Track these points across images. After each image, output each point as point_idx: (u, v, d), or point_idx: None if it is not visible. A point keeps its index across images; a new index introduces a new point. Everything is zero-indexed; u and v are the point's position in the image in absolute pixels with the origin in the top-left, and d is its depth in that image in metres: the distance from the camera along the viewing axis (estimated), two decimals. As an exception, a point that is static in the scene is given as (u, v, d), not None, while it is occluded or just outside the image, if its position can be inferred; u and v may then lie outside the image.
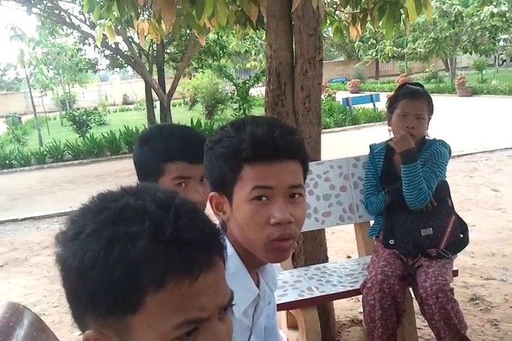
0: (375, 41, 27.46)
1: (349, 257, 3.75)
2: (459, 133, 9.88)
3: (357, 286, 2.31)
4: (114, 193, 0.72)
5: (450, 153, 2.49)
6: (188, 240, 0.65)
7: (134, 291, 0.63)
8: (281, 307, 2.22)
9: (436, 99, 2.61)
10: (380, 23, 3.08)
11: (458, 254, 2.47)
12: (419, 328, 2.54)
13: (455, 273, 2.39)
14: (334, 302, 2.72)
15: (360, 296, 2.29)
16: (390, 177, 2.50)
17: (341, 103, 14.26)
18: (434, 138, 2.51)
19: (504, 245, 3.98)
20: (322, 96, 16.07)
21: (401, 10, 3.05)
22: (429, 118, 2.47)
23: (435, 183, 2.38)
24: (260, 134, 1.06)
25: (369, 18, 3.25)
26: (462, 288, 3.24)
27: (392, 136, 2.47)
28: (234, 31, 3.61)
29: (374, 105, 13.76)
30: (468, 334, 2.20)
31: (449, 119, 11.79)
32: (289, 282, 2.40)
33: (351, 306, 3.06)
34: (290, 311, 2.40)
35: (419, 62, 26.17)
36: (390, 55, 26.12)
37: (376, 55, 27.38)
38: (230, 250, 1.12)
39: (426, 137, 2.49)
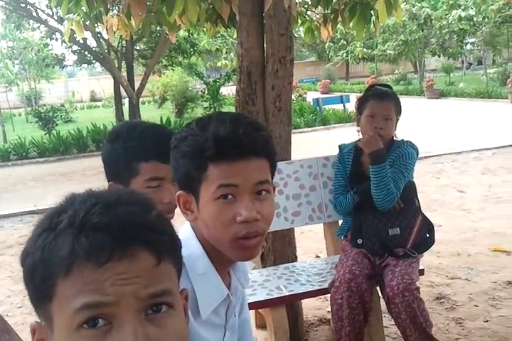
0: (345, 42, 27.72)
1: (318, 257, 3.77)
2: (426, 134, 10.06)
3: (325, 285, 2.32)
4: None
5: (418, 153, 2.52)
6: (98, 226, 0.64)
7: (47, 277, 0.65)
8: (249, 306, 2.18)
9: (404, 100, 2.65)
10: (351, 24, 3.11)
11: (424, 254, 2.51)
12: (385, 326, 2.56)
13: (421, 273, 2.43)
14: (303, 301, 2.72)
15: (329, 295, 2.30)
16: (358, 177, 2.52)
17: (312, 103, 14.34)
18: (402, 139, 2.54)
19: (469, 245, 4.06)
20: (293, 97, 16.12)
21: (371, 11, 3.08)
22: (397, 119, 2.50)
23: (403, 184, 2.41)
24: (224, 133, 1.04)
25: (340, 18, 3.27)
26: (428, 287, 3.28)
27: (361, 136, 2.48)
28: (205, 29, 3.58)
29: (344, 106, 13.88)
30: (433, 333, 2.23)
31: (417, 121, 11.99)
32: (258, 281, 2.39)
33: (320, 305, 3.07)
34: (259, 310, 2.39)
35: (388, 64, 26.56)
36: (360, 56, 26.43)
37: (346, 56, 27.68)
38: (198, 250, 1.11)
39: (394, 138, 2.52)
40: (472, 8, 19.21)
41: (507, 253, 3.83)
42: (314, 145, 9.30)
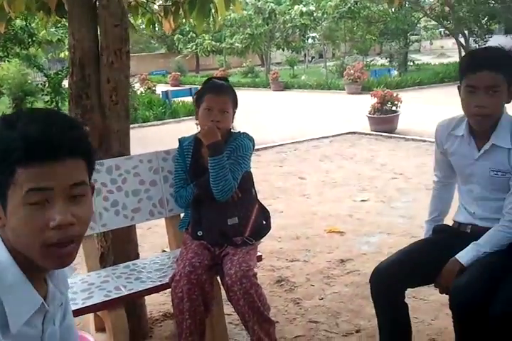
0: (194, 35, 27.78)
1: (164, 251, 3.75)
2: (271, 125, 10.50)
3: (166, 280, 2.31)
4: None
5: (254, 145, 2.61)
6: None
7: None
8: (86, 310, 2.14)
9: (251, 93, 2.74)
10: (191, 17, 3.14)
11: (266, 239, 2.61)
12: (228, 314, 2.63)
13: (259, 259, 2.53)
14: (147, 298, 2.69)
15: (172, 290, 2.30)
16: (198, 170, 2.54)
17: (161, 96, 14.19)
18: (239, 131, 2.61)
19: (307, 228, 4.31)
20: (142, 89, 15.69)
21: (211, 5, 3.13)
22: (234, 112, 2.56)
23: (240, 174, 2.47)
24: (34, 132, 0.96)
25: (181, 11, 3.27)
26: (269, 271, 3.44)
27: (200, 129, 2.52)
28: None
29: (193, 98, 13.92)
30: (272, 315, 2.35)
31: (263, 112, 12.46)
32: (95, 283, 2.31)
33: (164, 300, 3.04)
34: (97, 313, 2.30)
35: (236, 56, 27.17)
36: (209, 49, 26.72)
37: (196, 49, 27.79)
38: (6, 260, 1.03)
39: (232, 130, 2.58)
40: (312, 4, 20.42)
41: (340, 233, 4.15)
42: (164, 138, 9.22)
